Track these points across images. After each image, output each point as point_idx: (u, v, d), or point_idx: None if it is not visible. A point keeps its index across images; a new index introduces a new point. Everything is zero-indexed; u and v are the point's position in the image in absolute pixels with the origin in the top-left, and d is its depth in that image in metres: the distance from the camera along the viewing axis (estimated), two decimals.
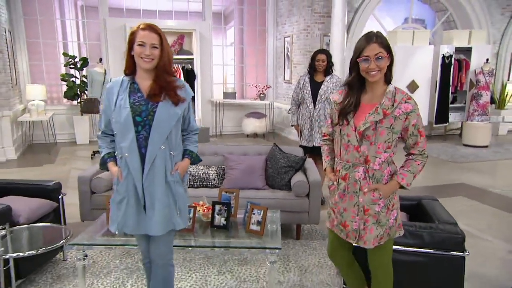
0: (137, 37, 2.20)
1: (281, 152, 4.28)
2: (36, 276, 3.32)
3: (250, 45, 10.64)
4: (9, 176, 5.37)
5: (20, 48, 8.46)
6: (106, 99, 2.34)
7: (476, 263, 2.64)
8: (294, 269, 3.49)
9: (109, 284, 3.23)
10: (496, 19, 9.67)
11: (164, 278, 2.47)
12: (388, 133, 2.19)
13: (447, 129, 9.81)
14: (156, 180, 2.30)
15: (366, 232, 2.26)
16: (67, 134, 8.94)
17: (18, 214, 3.11)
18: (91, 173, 4.08)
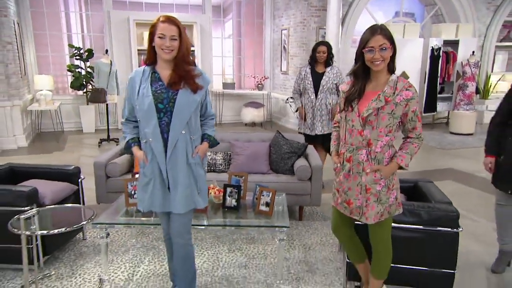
0: (158, 30, 2.23)
1: (284, 139, 4.38)
2: (60, 253, 3.42)
3: (248, 37, 10.64)
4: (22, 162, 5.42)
5: (27, 40, 8.41)
6: (129, 88, 2.39)
7: (464, 240, 2.78)
8: (298, 247, 3.62)
9: (128, 260, 3.34)
10: (482, 14, 9.72)
11: (184, 256, 2.55)
12: (389, 118, 2.29)
13: (435, 118, 9.93)
14: (179, 163, 2.37)
15: (368, 209, 2.37)
16: (74, 123, 8.95)
17: (43, 196, 3.18)
18: (106, 158, 4.16)
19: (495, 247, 3.26)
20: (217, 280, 3.07)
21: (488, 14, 9.80)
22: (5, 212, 2.93)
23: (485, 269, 3.25)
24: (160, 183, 2.41)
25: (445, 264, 2.74)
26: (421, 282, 2.82)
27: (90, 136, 8.43)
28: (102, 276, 3.07)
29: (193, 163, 2.43)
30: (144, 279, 3.06)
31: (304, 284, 3.04)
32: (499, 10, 9.77)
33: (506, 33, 10.25)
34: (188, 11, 9.73)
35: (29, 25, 8.39)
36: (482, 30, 9.82)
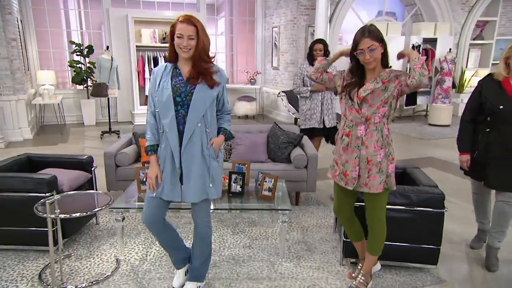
0: (176, 29, 2.24)
1: (281, 130, 4.47)
2: (77, 236, 3.49)
3: (240, 34, 10.65)
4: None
5: (29, 36, 8.32)
6: (152, 81, 2.41)
7: (446, 220, 2.92)
8: (297, 229, 3.73)
9: (140, 242, 3.41)
10: (457, 14, 9.85)
11: (203, 236, 2.62)
12: (383, 94, 2.40)
13: (415, 111, 10.11)
14: (194, 154, 2.38)
15: (370, 180, 2.47)
16: (75, 116, 8.91)
17: (61, 183, 3.23)
18: (116, 148, 4.21)
19: (473, 226, 3.43)
20: (225, 259, 3.17)
21: (463, 14, 9.94)
22: (27, 198, 2.99)
23: (464, 245, 3.42)
24: (170, 170, 2.41)
25: (431, 240, 2.88)
26: (411, 257, 2.96)
27: (91, 128, 8.41)
28: (118, 256, 3.16)
29: (207, 155, 2.42)
30: (157, 259, 3.14)
31: (304, 261, 3.15)
32: (472, 11, 9.94)
33: (479, 32, 10.45)
34: (183, 9, 9.68)
35: (31, 22, 8.29)
36: (457, 29, 9.97)
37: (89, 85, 8.44)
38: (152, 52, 8.65)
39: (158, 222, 2.54)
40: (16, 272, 2.93)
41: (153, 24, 8.70)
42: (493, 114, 2.83)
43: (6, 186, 3.03)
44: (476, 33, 10.38)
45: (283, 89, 8.63)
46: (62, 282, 2.79)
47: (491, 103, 2.80)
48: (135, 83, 8.54)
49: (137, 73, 8.56)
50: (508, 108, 2.73)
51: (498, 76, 2.80)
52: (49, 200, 2.64)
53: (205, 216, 2.59)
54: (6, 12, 6.75)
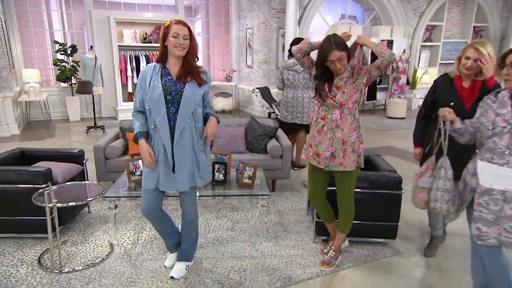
0: (172, 30, 2.24)
1: (258, 123, 4.53)
2: (71, 224, 3.46)
3: (216, 35, 10.57)
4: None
5: (13, 36, 7.96)
6: (142, 80, 2.37)
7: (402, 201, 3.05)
8: (274, 212, 3.83)
9: (131, 228, 3.42)
10: (410, 18, 10.12)
11: (190, 221, 2.68)
12: (354, 80, 2.51)
13: (375, 105, 10.35)
14: (185, 147, 2.39)
15: (345, 159, 2.58)
16: (60, 112, 8.63)
17: (56, 175, 3.19)
18: (104, 142, 4.16)
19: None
20: (210, 241, 3.23)
21: (415, 19, 10.21)
22: (23, 190, 2.96)
23: (418, 222, 3.59)
24: (164, 164, 2.42)
25: (391, 218, 3.05)
26: (373, 233, 3.12)
27: (76, 124, 8.19)
28: (112, 241, 3.17)
29: (197, 148, 2.44)
30: (148, 243, 3.17)
31: (281, 240, 3.25)
32: (422, 16, 10.24)
33: (428, 35, 10.81)
34: (162, 11, 9.53)
35: (14, 22, 7.92)
36: (410, 32, 10.23)
37: (73, 83, 8.20)
38: (133, 51, 8.50)
39: (156, 212, 2.57)
40: (16, 258, 2.90)
41: (134, 25, 8.54)
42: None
43: (3, 178, 2.98)
44: (426, 36, 10.72)
45: (257, 85, 8.69)
46: (61, 266, 2.78)
47: (443, 100, 2.69)
48: (118, 80, 8.37)
49: (119, 71, 8.39)
50: (458, 106, 2.59)
51: (451, 73, 2.72)
52: (47, 190, 2.62)
53: (192, 203, 2.64)
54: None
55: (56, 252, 2.84)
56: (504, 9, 11.04)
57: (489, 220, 1.96)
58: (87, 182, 3.30)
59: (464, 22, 11.10)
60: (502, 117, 1.96)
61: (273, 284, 2.63)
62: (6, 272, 2.72)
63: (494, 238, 1.96)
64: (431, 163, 2.35)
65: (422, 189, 2.34)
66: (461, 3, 10.94)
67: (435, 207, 2.26)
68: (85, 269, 2.76)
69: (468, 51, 2.52)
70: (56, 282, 2.61)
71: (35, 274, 2.69)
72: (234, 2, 9.99)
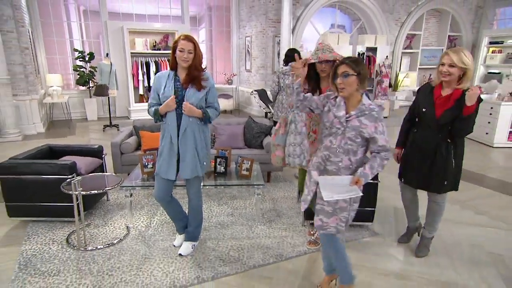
0: (179, 45, 2.39)
1: (255, 122, 4.66)
2: (93, 210, 3.60)
3: (218, 42, 10.67)
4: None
5: (39, 45, 8.08)
6: (157, 83, 2.52)
7: (379, 189, 3.17)
8: (268, 200, 3.95)
9: (145, 214, 3.55)
10: (392, 28, 10.20)
11: (194, 206, 2.80)
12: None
13: None
14: (188, 142, 2.53)
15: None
16: (79, 113, 8.76)
17: (79, 167, 3.33)
18: (120, 139, 4.29)
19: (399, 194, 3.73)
20: (213, 224, 3.36)
21: (396, 28, 10.29)
22: (52, 180, 3.09)
23: (393, 208, 3.72)
24: (168, 153, 2.54)
25: (369, 204, 3.15)
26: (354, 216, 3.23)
27: (94, 123, 8.31)
28: (128, 224, 3.31)
29: (199, 143, 2.56)
30: (159, 226, 3.31)
31: (274, 224, 3.38)
32: (403, 26, 10.32)
33: (409, 43, 10.90)
34: (170, 21, 9.62)
35: (39, 32, 8.04)
36: (392, 40, 10.32)
37: (91, 86, 8.32)
38: (144, 58, 8.59)
39: (166, 197, 2.69)
40: (47, 238, 3.05)
41: (145, 34, 8.63)
42: (419, 115, 2.62)
43: (35, 170, 3.11)
44: (407, 44, 10.81)
45: (255, 88, 8.81)
46: (85, 244, 2.93)
47: (418, 106, 2.58)
48: (130, 84, 8.47)
49: (132, 76, 8.50)
50: (429, 112, 2.49)
51: (433, 82, 2.57)
52: (73, 180, 2.76)
53: (196, 191, 2.77)
54: (19, 25, 6.58)
55: (81, 233, 3.00)
56: (475, 20, 11.15)
57: (329, 212, 2.06)
58: (106, 173, 3.42)
59: (440, 31, 11.22)
60: (338, 120, 2.00)
61: (267, 260, 2.77)
62: (41, 249, 2.87)
63: (333, 227, 2.07)
64: (283, 120, 2.20)
65: (278, 147, 2.20)
66: (437, 14, 11.06)
67: (289, 162, 2.15)
68: (106, 247, 2.91)
69: (443, 58, 2.39)
70: (82, 258, 2.76)
71: (64, 251, 2.85)
72: (235, 13, 10.07)
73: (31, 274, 2.55)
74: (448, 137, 2.48)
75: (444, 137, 2.49)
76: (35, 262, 2.70)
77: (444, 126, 2.44)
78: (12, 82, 6.45)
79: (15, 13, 6.47)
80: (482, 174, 4.94)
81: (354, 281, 2.24)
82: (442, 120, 2.40)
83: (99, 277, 2.53)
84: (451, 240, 3.15)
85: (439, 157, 2.49)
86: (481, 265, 2.78)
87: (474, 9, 11.03)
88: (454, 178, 2.60)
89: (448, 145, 2.50)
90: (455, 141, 2.51)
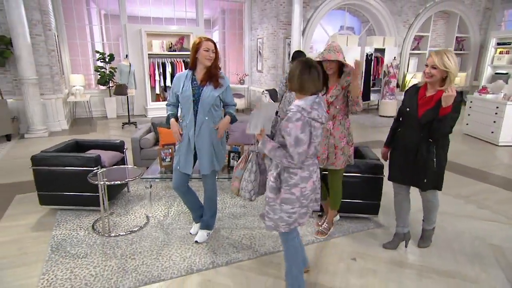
0: (203, 45, 2.48)
1: None
2: (115, 200, 3.75)
3: (231, 44, 10.75)
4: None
5: (63, 47, 8.32)
6: (176, 82, 2.62)
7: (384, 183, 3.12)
8: None
9: (163, 204, 3.68)
10: (400, 29, 10.13)
11: (210, 197, 2.91)
12: (343, 98, 2.71)
13: (369, 105, 10.39)
14: (204, 139, 2.62)
15: (337, 160, 2.79)
16: (100, 111, 8.97)
17: (103, 160, 3.46)
18: (139, 135, 4.44)
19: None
20: (226, 215, 3.46)
21: (404, 30, 10.22)
22: (79, 171, 3.24)
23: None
24: (185, 150, 2.64)
25: (374, 197, 3.23)
26: (360, 209, 3.30)
27: (113, 120, 8.50)
28: (147, 214, 3.44)
29: (215, 140, 2.66)
30: (176, 215, 3.43)
31: None
32: (411, 27, 10.25)
33: (416, 44, 10.81)
34: (185, 23, 9.77)
35: (64, 35, 8.27)
36: (400, 42, 10.25)
37: (111, 86, 8.53)
38: (160, 59, 8.73)
39: (182, 187, 2.81)
40: (75, 224, 3.21)
41: (162, 36, 8.79)
42: (403, 115, 2.63)
43: (64, 162, 3.27)
44: (414, 45, 10.72)
45: (266, 88, 8.89)
46: (109, 231, 3.08)
47: (404, 106, 2.59)
48: (147, 84, 8.64)
49: (149, 76, 8.67)
50: (412, 111, 2.49)
51: (420, 83, 2.57)
52: (100, 171, 2.91)
53: (211, 183, 2.87)
54: (47, 29, 6.80)
55: (106, 221, 3.15)
56: (483, 22, 11.00)
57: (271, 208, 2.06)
58: (128, 166, 3.56)
59: (447, 32, 11.09)
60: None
61: (277, 248, 2.86)
62: (69, 235, 3.04)
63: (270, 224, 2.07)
64: (244, 157, 2.28)
65: (236, 178, 2.27)
66: (445, 16, 10.94)
67: (241, 194, 2.22)
68: (128, 234, 3.05)
69: (427, 59, 2.38)
70: (107, 243, 2.91)
71: (91, 237, 3.01)
72: (247, 15, 10.15)
73: (62, 256, 2.72)
74: (429, 137, 2.46)
75: (425, 136, 2.47)
76: (65, 245, 2.87)
77: (426, 125, 2.43)
78: (40, 82, 6.68)
79: (43, 17, 6.70)
80: (486, 171, 4.93)
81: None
82: (423, 120, 2.39)
83: (122, 260, 2.67)
84: (453, 232, 3.20)
85: (419, 156, 2.48)
86: (482, 256, 2.82)
87: (482, 10, 10.87)
88: (435, 177, 2.56)
89: (429, 145, 2.48)
90: (438, 141, 2.47)
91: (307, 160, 2.02)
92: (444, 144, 2.54)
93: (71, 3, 8.35)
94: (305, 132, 1.91)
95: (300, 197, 2.03)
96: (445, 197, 3.95)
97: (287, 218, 2.05)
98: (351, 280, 2.49)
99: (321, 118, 1.99)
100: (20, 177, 4.42)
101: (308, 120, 1.92)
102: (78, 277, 2.47)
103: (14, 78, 6.66)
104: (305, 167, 2.02)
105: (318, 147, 2.07)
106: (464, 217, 3.50)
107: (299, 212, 2.06)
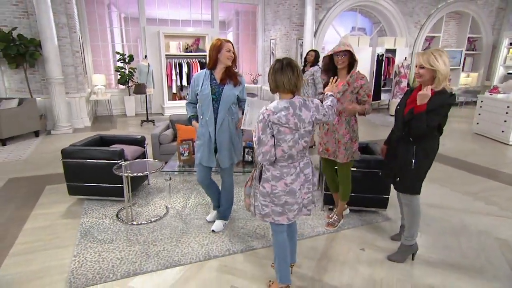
0: (225, 47, 2.58)
1: None
2: (136, 192, 3.90)
3: (245, 45, 10.84)
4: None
5: (86, 48, 8.57)
6: (195, 81, 2.71)
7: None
8: None
9: (180, 197, 3.80)
10: (411, 30, 10.04)
11: (227, 189, 3.01)
12: (350, 96, 2.78)
13: (380, 104, 10.34)
14: (224, 135, 2.72)
15: (339, 154, 2.88)
16: (120, 109, 9.20)
17: (126, 154, 3.61)
18: (159, 131, 4.59)
19: None
20: (241, 207, 3.56)
21: (415, 31, 10.12)
22: (104, 164, 3.40)
23: None
24: (207, 145, 2.75)
25: (383, 191, 3.27)
26: (369, 203, 3.35)
27: (132, 118, 8.69)
28: (167, 205, 3.58)
29: (233, 135, 2.76)
30: (194, 207, 3.55)
31: None
32: (422, 28, 10.14)
33: (427, 44, 10.67)
34: (201, 25, 9.91)
35: (87, 37, 8.52)
36: (411, 42, 10.15)
37: (130, 85, 8.75)
38: (177, 59, 8.89)
39: (206, 181, 2.93)
40: (101, 213, 3.38)
41: (178, 38, 8.95)
42: (395, 114, 2.55)
43: (90, 155, 3.44)
44: (425, 46, 10.59)
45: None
46: (132, 220, 3.23)
47: (398, 104, 2.53)
48: (164, 83, 8.81)
49: (166, 76, 8.85)
50: (400, 110, 2.44)
51: (415, 84, 2.49)
52: (124, 164, 3.06)
53: (229, 175, 2.97)
54: (72, 32, 7.04)
55: (129, 210, 3.30)
56: (495, 22, 10.79)
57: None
58: (149, 159, 3.69)
59: (459, 33, 10.93)
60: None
61: None
62: (96, 222, 3.21)
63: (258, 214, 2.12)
64: (251, 175, 2.28)
65: (246, 196, 2.30)
66: (457, 16, 10.78)
67: (251, 210, 2.24)
68: (149, 223, 3.19)
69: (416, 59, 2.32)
70: (130, 231, 3.07)
71: (115, 225, 3.17)
72: (260, 17, 10.22)
73: (91, 241, 2.88)
74: (410, 136, 2.36)
75: (406, 134, 2.37)
76: (93, 232, 3.03)
77: (407, 124, 2.34)
78: (65, 82, 6.93)
79: (69, 21, 6.95)
80: (496, 169, 4.90)
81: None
82: (406, 118, 2.32)
83: (145, 245, 2.82)
84: (460, 225, 3.23)
85: (398, 153, 2.43)
86: (487, 249, 2.85)
87: (495, 11, 10.67)
88: (411, 179, 2.43)
89: (409, 144, 2.37)
90: (419, 142, 2.34)
91: (280, 161, 2.00)
92: (427, 147, 2.36)
93: (94, 7, 8.61)
94: (265, 134, 1.90)
95: (270, 194, 2.04)
96: (453, 193, 3.97)
97: (261, 208, 2.11)
98: (359, 269, 2.56)
99: (287, 123, 1.90)
100: (49, 169, 4.64)
101: (269, 123, 1.90)
102: (106, 259, 2.63)
103: (42, 78, 6.93)
104: (278, 167, 2.01)
105: (293, 151, 1.98)
106: (472, 212, 3.52)
107: (272, 209, 2.07)
